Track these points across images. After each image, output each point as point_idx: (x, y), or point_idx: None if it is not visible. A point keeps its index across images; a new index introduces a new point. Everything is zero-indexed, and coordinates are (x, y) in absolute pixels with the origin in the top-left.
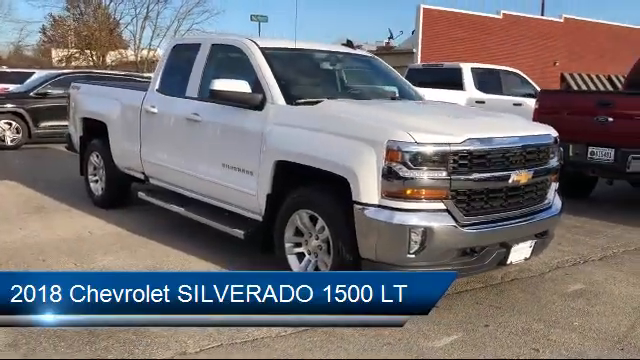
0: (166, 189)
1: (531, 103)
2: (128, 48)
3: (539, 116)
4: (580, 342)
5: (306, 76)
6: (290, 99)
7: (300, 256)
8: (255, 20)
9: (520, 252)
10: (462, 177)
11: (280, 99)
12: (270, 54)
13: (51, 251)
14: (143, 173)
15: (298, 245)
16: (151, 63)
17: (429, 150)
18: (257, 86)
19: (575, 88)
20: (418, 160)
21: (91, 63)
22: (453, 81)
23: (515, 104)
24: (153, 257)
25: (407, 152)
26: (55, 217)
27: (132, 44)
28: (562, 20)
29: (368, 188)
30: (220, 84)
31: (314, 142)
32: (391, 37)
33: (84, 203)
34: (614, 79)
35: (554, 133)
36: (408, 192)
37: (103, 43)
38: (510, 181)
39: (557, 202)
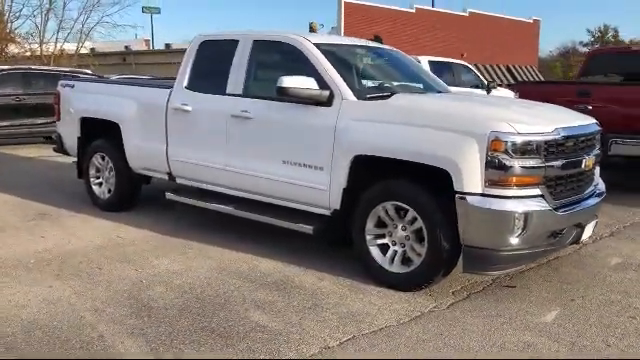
0: (193, 188)
1: (478, 93)
2: (32, 42)
3: None
4: None
5: (360, 71)
6: (358, 94)
7: (383, 247)
8: (147, 12)
9: (589, 230)
10: (552, 163)
11: (350, 94)
12: (325, 50)
13: (99, 258)
14: (169, 173)
15: (380, 236)
16: (58, 57)
17: (529, 139)
18: (321, 82)
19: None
20: (519, 149)
21: None
22: None
23: None
24: (209, 257)
25: (510, 142)
26: (67, 223)
27: (36, 37)
28: (467, 14)
29: (471, 178)
30: (289, 81)
31: (403, 136)
32: (311, 31)
33: (83, 206)
34: (512, 69)
35: (597, 121)
36: (509, 180)
37: (1, 37)
38: (583, 166)
39: (602, 185)
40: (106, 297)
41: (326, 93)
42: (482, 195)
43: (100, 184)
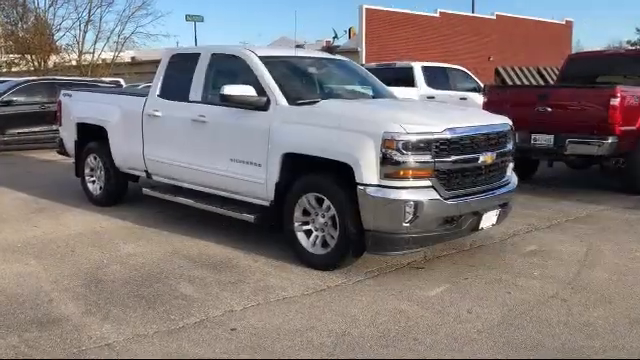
0: (168, 184)
1: (474, 97)
2: (71, 52)
3: (487, 108)
4: (541, 286)
5: (299, 80)
6: (291, 100)
7: (308, 233)
8: (190, 20)
9: (488, 219)
10: (443, 159)
11: (283, 100)
12: (267, 62)
13: (76, 243)
14: (146, 171)
15: (305, 223)
16: (95, 67)
17: (417, 138)
18: (260, 90)
19: (509, 81)
20: (409, 147)
21: (32, 68)
22: (406, 79)
23: (461, 98)
24: (170, 244)
25: (400, 141)
26: (61, 216)
27: (75, 48)
28: (494, 17)
29: (369, 171)
30: (230, 89)
31: (319, 136)
32: (335, 37)
33: (81, 202)
34: (542, 71)
35: (510, 122)
36: (402, 173)
37: (43, 47)
38: (479, 162)
39: (514, 179)
40: (68, 273)
41: (263, 99)
42: (379, 186)
43: (93, 182)
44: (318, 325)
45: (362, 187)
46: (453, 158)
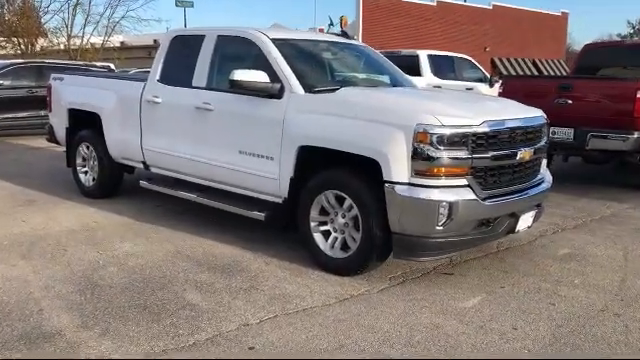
0: (167, 177)
1: (481, 87)
2: (60, 36)
3: None
4: (586, 296)
5: (315, 65)
6: (307, 88)
7: (326, 234)
8: (180, 5)
9: (525, 221)
10: (480, 155)
11: (299, 88)
12: (281, 44)
13: (68, 241)
14: (143, 162)
15: (323, 223)
16: (84, 51)
17: (454, 132)
18: (273, 76)
19: (505, 73)
20: (444, 141)
21: (19, 52)
22: (411, 67)
23: (468, 88)
24: (171, 242)
25: (434, 134)
26: (52, 210)
27: (64, 32)
28: (491, 7)
29: (398, 168)
30: (241, 74)
31: (340, 128)
32: (331, 24)
33: (73, 194)
34: (537, 63)
35: (544, 115)
36: (435, 170)
37: (30, 31)
38: (517, 158)
39: (548, 177)
40: (60, 276)
41: (277, 86)
42: (409, 184)
43: (86, 172)
44: (348, 344)
45: (390, 185)
46: (491, 154)
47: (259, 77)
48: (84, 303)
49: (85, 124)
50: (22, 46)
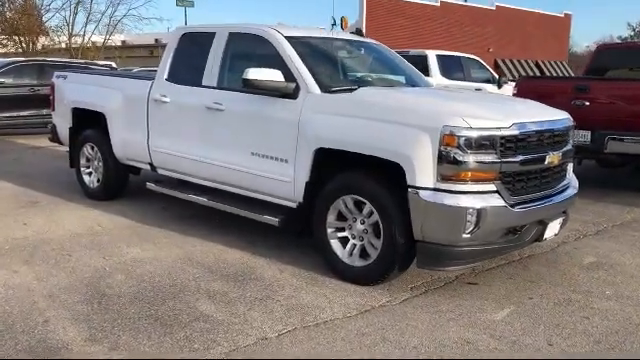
0: (175, 179)
1: (490, 88)
2: (61, 35)
3: None
4: (621, 309)
5: (331, 64)
6: (324, 88)
7: (343, 240)
8: (181, 5)
9: (552, 229)
10: (509, 159)
11: (315, 88)
12: (295, 42)
13: (72, 246)
14: (150, 164)
15: (341, 229)
16: (85, 50)
17: (482, 134)
18: (288, 75)
19: (508, 74)
20: (472, 144)
21: (20, 50)
22: (419, 68)
23: (476, 89)
24: (180, 247)
25: (462, 137)
26: (55, 212)
27: (65, 30)
28: (494, 8)
29: (423, 172)
30: (255, 73)
31: (360, 129)
32: (334, 24)
33: (76, 196)
34: (540, 64)
35: (570, 117)
36: (462, 175)
37: (31, 29)
38: (546, 162)
39: (574, 182)
40: (65, 284)
41: (292, 85)
42: (434, 190)
43: (90, 174)
44: None
45: (414, 191)
46: (520, 158)
47: (274, 76)
48: (91, 314)
49: (89, 124)
50: (23, 44)
